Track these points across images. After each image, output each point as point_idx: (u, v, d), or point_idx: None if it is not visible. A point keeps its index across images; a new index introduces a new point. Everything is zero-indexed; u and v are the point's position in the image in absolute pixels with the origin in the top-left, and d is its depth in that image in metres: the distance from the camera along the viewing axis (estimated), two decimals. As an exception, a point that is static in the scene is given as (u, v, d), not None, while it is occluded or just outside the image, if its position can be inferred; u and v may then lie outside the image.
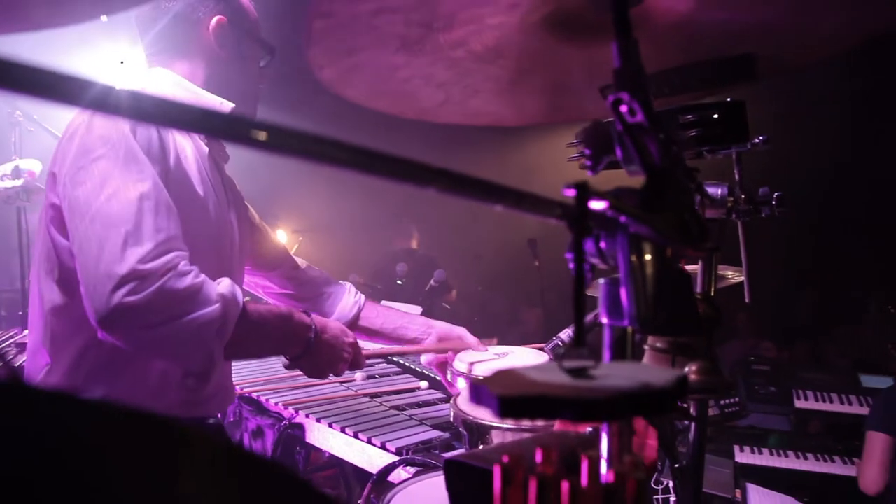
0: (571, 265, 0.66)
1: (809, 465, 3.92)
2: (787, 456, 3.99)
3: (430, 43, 0.69)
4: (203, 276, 1.42)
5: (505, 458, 0.53)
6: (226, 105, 1.72)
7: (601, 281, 0.64)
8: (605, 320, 0.64)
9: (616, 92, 0.61)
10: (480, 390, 0.49)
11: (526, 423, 1.33)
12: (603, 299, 0.63)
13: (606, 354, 0.64)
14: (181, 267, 1.39)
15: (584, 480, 0.53)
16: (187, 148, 1.63)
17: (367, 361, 1.87)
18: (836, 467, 3.91)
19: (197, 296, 1.38)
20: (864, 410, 3.93)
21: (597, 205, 0.51)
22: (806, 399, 4.20)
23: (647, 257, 0.60)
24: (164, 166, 1.52)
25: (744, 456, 3.99)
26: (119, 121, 1.45)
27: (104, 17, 0.78)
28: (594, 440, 0.65)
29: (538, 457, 0.58)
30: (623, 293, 0.61)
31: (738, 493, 2.41)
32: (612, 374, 0.50)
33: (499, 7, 0.65)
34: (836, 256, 6.96)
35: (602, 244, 0.61)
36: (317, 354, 1.67)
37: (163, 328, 1.35)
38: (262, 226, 2.11)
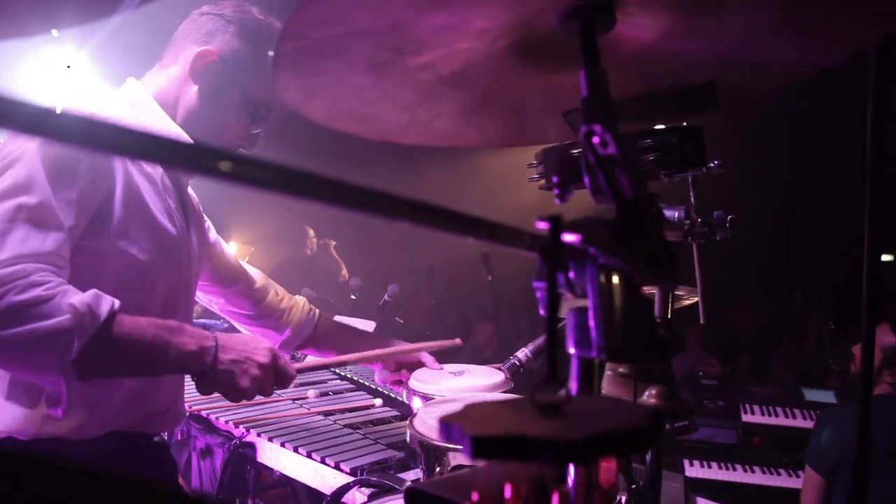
0: (539, 294, 0.65)
1: (756, 478, 4.00)
2: (734, 469, 4.07)
3: (398, 66, 0.68)
4: (61, 289, 1.34)
5: (475, 496, 0.51)
6: (175, 132, 1.64)
7: (568, 311, 0.63)
8: (572, 351, 0.63)
9: (584, 121, 0.61)
10: (452, 428, 0.48)
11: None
12: (571, 330, 0.62)
13: (574, 385, 0.63)
14: (33, 278, 1.31)
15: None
16: (143, 164, 1.57)
17: (313, 373, 1.75)
18: (782, 480, 4.00)
19: (42, 306, 1.30)
20: (808, 423, 4.04)
21: (570, 237, 0.50)
22: (753, 413, 4.29)
23: (617, 288, 0.59)
24: (100, 185, 1.46)
25: (693, 470, 4.05)
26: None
27: (55, 32, 0.75)
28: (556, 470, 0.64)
29: (507, 492, 0.56)
30: (591, 323, 0.61)
31: (688, 508, 2.44)
32: (585, 410, 0.49)
33: (468, 33, 0.64)
34: (778, 273, 7.18)
35: (571, 274, 0.61)
36: (216, 373, 1.49)
37: (1, 337, 1.28)
38: (219, 241, 2.05)
